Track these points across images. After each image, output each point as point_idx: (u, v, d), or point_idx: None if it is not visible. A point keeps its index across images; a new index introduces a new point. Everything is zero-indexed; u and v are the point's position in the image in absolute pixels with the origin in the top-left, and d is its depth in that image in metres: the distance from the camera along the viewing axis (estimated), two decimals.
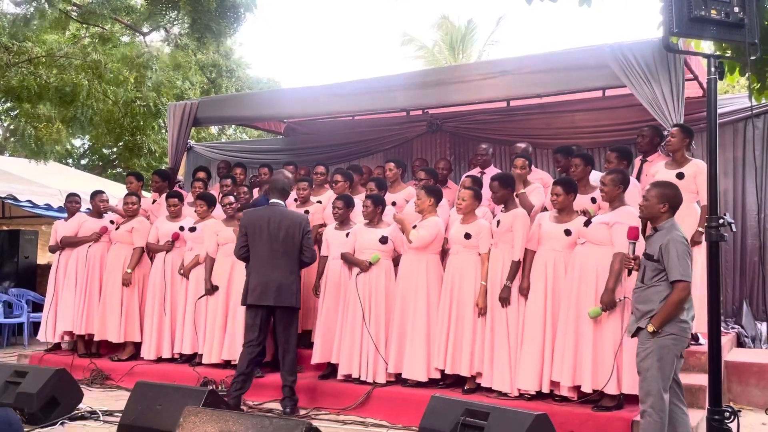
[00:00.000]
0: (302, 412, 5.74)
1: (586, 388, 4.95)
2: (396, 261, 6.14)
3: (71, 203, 7.92)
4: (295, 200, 7.00)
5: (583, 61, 6.39)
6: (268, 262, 5.70)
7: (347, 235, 6.25)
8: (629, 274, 4.33)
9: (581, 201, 5.65)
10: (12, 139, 16.29)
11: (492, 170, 7.03)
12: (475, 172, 7.11)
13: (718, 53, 2.42)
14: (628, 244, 4.34)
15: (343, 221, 6.35)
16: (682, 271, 3.87)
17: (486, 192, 6.28)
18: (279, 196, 5.98)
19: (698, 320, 5.50)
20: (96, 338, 7.38)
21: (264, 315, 5.74)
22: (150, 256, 7.50)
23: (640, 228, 4.56)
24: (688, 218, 5.62)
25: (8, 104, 13.48)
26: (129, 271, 7.29)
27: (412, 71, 8.41)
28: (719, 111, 4.94)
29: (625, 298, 4.87)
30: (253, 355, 5.69)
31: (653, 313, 3.98)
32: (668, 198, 4.06)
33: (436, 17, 23.04)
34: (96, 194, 7.82)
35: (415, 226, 5.90)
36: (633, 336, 4.20)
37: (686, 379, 5.22)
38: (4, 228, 12.38)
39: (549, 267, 5.34)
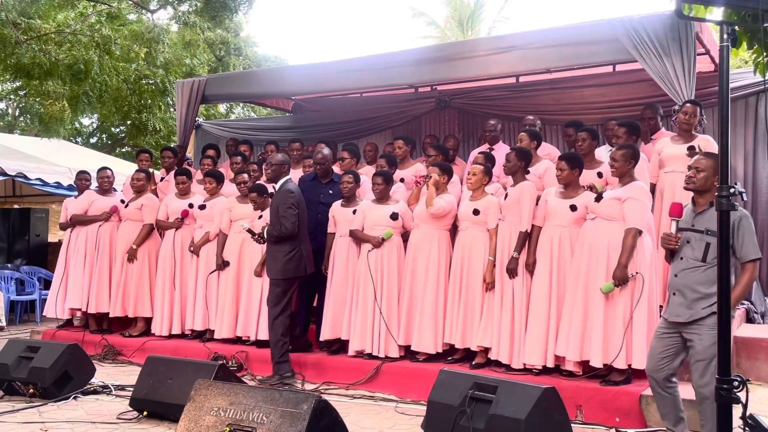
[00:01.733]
0: (311, 386, 5.79)
1: (596, 363, 4.95)
2: (405, 237, 6.16)
3: (81, 181, 7.96)
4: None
5: (593, 35, 6.32)
6: (307, 233, 6.11)
7: (354, 212, 6.25)
8: (671, 254, 3.96)
9: (588, 176, 5.63)
10: (21, 118, 16.34)
11: (501, 146, 7.01)
12: (484, 148, 7.08)
13: (729, 20, 2.39)
14: (670, 221, 3.97)
15: (350, 197, 6.35)
16: (755, 249, 3.70)
17: (495, 169, 6.28)
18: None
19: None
20: (109, 315, 7.44)
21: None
22: (160, 233, 7.54)
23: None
24: None
25: (17, 83, 13.49)
26: (134, 246, 7.33)
27: (420, 47, 8.33)
28: (731, 85, 4.90)
29: (637, 273, 4.86)
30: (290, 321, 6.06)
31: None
32: None
33: None
34: (99, 171, 7.85)
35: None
36: (691, 322, 3.81)
37: None
38: (15, 206, 12.46)
39: (555, 243, 5.35)
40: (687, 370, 5.09)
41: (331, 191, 6.68)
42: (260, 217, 6.58)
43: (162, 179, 8.20)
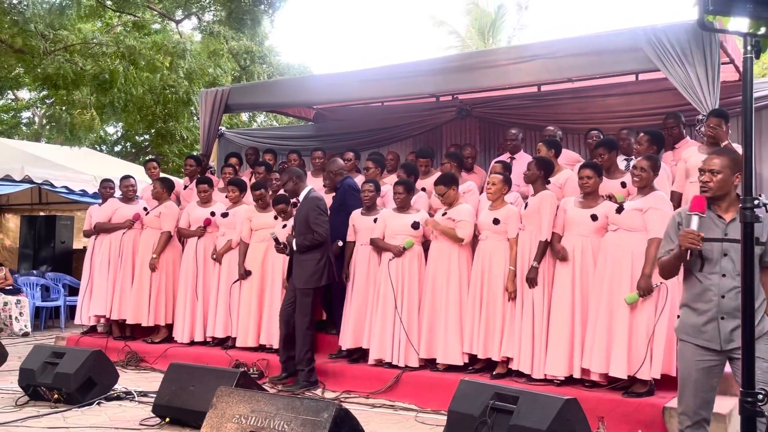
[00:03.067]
0: (332, 395, 5.80)
1: (621, 374, 4.90)
2: (426, 246, 6.16)
3: (105, 189, 8.05)
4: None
5: (616, 44, 6.30)
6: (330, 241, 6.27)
7: (375, 220, 6.27)
8: (691, 255, 3.32)
9: (611, 186, 5.60)
10: (47, 126, 16.58)
11: (522, 155, 7.00)
12: (505, 157, 7.08)
13: (753, 32, 2.37)
14: (691, 218, 3.28)
15: (371, 206, 6.37)
16: None
17: (516, 178, 6.27)
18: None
19: None
20: (129, 322, 7.52)
21: None
22: (182, 241, 7.61)
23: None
24: None
25: (44, 92, 13.72)
26: (154, 256, 7.39)
27: (441, 56, 8.33)
28: (756, 95, 4.85)
29: (661, 283, 4.82)
30: None
31: None
32: (740, 166, 3.30)
33: (465, 3, 22.82)
34: (123, 179, 7.94)
35: (444, 213, 5.91)
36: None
37: None
38: (41, 213, 12.65)
39: (576, 252, 5.32)
40: None
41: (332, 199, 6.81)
42: (284, 226, 6.62)
43: (185, 187, 8.27)
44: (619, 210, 5.07)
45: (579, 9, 40.68)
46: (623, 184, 5.69)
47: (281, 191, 6.79)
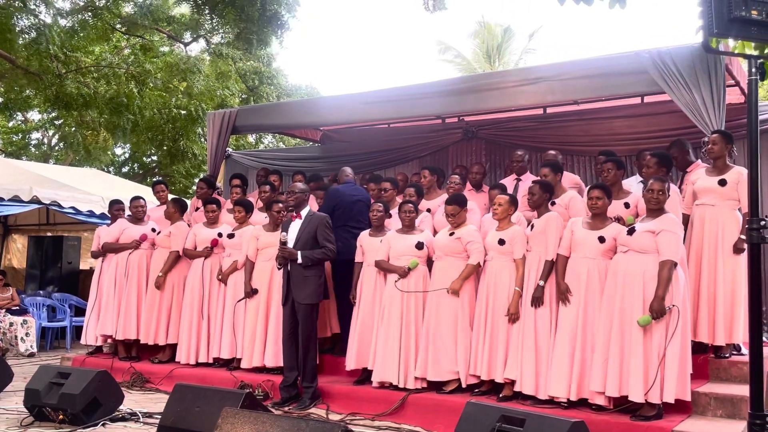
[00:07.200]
0: (337, 417, 5.77)
1: (638, 398, 4.84)
2: (429, 266, 6.15)
3: (115, 210, 8.08)
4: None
5: (621, 67, 6.33)
6: None
7: (381, 241, 6.27)
8: None
9: (615, 206, 5.59)
10: (59, 146, 16.70)
11: (528, 177, 7.00)
12: (511, 179, 7.09)
13: (757, 54, 2.39)
14: None
15: (379, 227, 6.37)
16: None
17: (522, 199, 6.27)
18: None
19: (741, 329, 5.41)
20: (141, 341, 7.50)
21: None
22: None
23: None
24: (729, 226, 5.53)
25: (54, 113, 13.85)
26: (161, 274, 7.41)
27: (447, 78, 8.37)
28: (761, 117, 4.87)
29: (673, 306, 4.79)
30: None
31: None
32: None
33: (472, 26, 23.06)
34: (133, 200, 7.97)
35: (452, 233, 5.91)
36: None
37: (728, 389, 5.14)
38: (49, 234, 12.70)
39: (582, 275, 5.29)
40: (718, 406, 5.00)
41: None
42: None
43: (198, 209, 8.29)
44: (631, 231, 5.05)
45: (587, 34, 40.93)
46: (626, 205, 5.69)
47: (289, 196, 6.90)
